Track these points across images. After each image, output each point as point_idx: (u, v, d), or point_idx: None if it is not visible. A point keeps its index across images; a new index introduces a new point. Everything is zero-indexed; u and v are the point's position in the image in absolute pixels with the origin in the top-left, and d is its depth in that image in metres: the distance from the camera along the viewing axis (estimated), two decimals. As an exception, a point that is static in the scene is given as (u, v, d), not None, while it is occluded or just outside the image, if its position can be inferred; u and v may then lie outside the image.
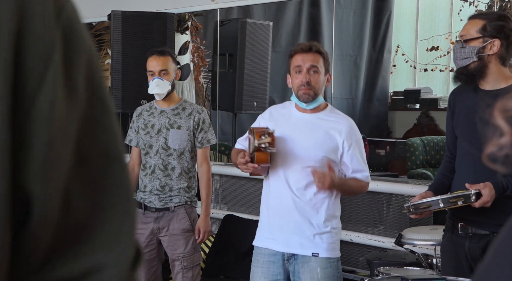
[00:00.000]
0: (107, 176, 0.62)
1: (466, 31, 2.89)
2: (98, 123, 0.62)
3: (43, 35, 0.56)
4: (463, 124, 2.98)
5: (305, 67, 3.11)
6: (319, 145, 3.08)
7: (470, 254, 2.91)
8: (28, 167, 0.56)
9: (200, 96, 7.37)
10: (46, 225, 0.57)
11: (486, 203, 2.73)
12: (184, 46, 6.95)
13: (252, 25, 6.37)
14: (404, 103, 10.09)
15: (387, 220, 4.67)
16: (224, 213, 5.16)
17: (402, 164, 8.07)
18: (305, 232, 3.07)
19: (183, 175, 3.90)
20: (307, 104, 3.13)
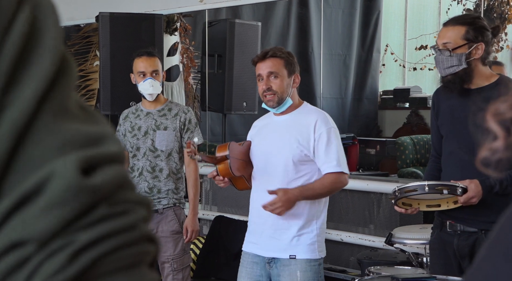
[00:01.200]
0: None
1: (450, 39, 2.89)
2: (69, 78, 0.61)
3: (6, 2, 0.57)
4: (448, 123, 3.00)
5: (265, 74, 3.16)
6: (293, 143, 3.10)
7: (459, 251, 2.92)
8: None
9: (190, 97, 7.35)
10: None
11: (471, 199, 2.74)
12: (173, 47, 6.94)
13: (241, 25, 6.37)
14: (393, 103, 10.11)
15: (378, 219, 4.68)
16: (215, 214, 5.15)
17: (392, 163, 8.09)
18: (282, 235, 3.10)
19: (171, 176, 3.89)
20: (276, 109, 3.17)
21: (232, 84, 6.28)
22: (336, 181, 3.08)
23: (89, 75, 7.53)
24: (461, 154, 2.90)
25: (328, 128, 3.11)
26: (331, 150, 3.07)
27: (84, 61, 7.55)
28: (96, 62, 7.28)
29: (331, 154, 3.07)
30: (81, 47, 7.55)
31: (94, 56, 7.38)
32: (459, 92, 2.95)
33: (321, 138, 3.08)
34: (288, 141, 3.10)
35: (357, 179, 5.02)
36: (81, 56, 7.55)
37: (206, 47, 6.41)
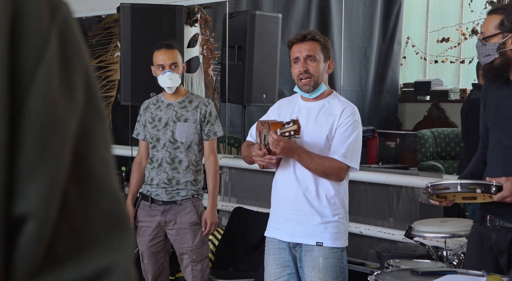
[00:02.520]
0: (104, 181, 0.61)
1: (485, 28, 2.86)
2: (95, 128, 0.61)
3: (36, 33, 0.57)
4: (493, 115, 2.96)
5: (302, 57, 3.12)
6: (321, 131, 3.08)
7: (497, 246, 2.91)
8: (20, 164, 0.56)
9: (210, 89, 7.36)
10: (43, 230, 0.56)
11: (505, 198, 2.72)
12: (193, 38, 6.95)
13: (261, 17, 6.35)
14: (414, 95, 10.04)
15: (397, 212, 4.65)
16: (234, 206, 5.16)
17: (412, 156, 8.04)
18: (310, 221, 3.09)
19: (190, 168, 3.90)
20: (309, 94, 3.14)
21: (252, 76, 6.27)
22: (335, 169, 3.05)
23: (110, 66, 7.56)
24: (504, 146, 2.87)
25: (353, 121, 3.09)
26: (346, 141, 3.06)
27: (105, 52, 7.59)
28: (117, 53, 7.31)
29: (344, 144, 3.06)
30: (102, 38, 7.58)
31: (115, 47, 7.41)
32: (503, 84, 2.90)
33: (342, 127, 3.07)
34: (317, 129, 3.08)
35: (376, 172, 5.00)
36: (102, 47, 7.58)
37: (226, 38, 6.41)
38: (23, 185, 0.56)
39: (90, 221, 0.59)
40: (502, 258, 2.89)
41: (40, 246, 0.56)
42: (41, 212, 0.56)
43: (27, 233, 0.55)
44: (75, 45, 0.60)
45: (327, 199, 3.08)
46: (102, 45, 7.59)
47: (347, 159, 3.05)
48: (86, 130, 0.60)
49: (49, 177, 0.56)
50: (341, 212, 3.12)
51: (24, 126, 0.56)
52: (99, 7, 6.74)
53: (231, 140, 7.28)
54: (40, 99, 0.56)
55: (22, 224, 0.56)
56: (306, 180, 3.09)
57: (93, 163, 0.60)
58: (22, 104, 0.56)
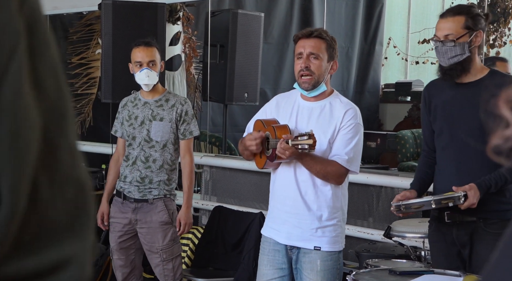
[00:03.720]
0: (73, 171, 0.61)
1: (452, 30, 2.93)
2: (64, 117, 0.61)
3: (7, 26, 0.56)
4: (440, 118, 3.03)
5: (305, 53, 3.07)
6: (323, 134, 3.02)
7: (458, 240, 2.98)
8: None
9: (191, 87, 7.35)
10: (12, 219, 0.56)
11: (472, 205, 2.81)
12: (176, 36, 6.93)
13: (244, 16, 6.35)
14: (395, 96, 10.10)
15: (377, 212, 4.68)
16: (214, 205, 5.16)
17: (392, 156, 8.09)
18: (308, 226, 3.06)
19: (164, 167, 3.88)
20: (308, 92, 3.08)
21: (234, 75, 6.26)
22: (337, 173, 3.02)
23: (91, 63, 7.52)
24: (454, 149, 2.96)
25: (355, 124, 3.05)
26: (348, 145, 3.02)
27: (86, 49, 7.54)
28: (98, 50, 7.27)
29: (346, 148, 3.01)
30: (83, 35, 7.54)
31: (96, 44, 7.37)
32: (452, 87, 2.98)
33: (344, 130, 3.03)
34: (319, 132, 2.99)
35: (357, 172, 5.02)
36: (83, 43, 7.54)
37: (208, 37, 6.40)
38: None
39: (56, 209, 0.59)
40: (465, 250, 2.98)
41: (7, 234, 0.56)
42: (11, 201, 0.56)
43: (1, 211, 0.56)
44: (43, 35, 0.60)
45: (325, 203, 3.05)
46: (83, 42, 7.54)
47: (349, 164, 3.01)
48: (55, 120, 0.60)
49: (20, 168, 0.56)
50: (339, 214, 3.10)
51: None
52: (80, 4, 6.70)
53: (212, 139, 7.27)
54: (12, 92, 0.56)
55: None
56: (306, 184, 3.05)
57: (61, 151, 0.60)
58: None
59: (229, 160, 5.58)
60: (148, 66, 3.86)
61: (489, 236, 2.90)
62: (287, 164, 3.07)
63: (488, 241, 2.88)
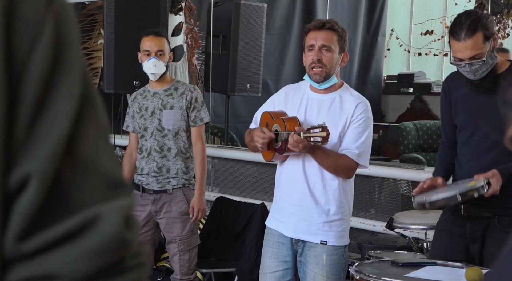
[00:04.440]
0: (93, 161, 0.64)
1: (476, 49, 2.81)
2: (87, 112, 0.64)
3: (31, 18, 0.60)
4: (462, 113, 2.99)
5: (317, 45, 3.02)
6: (333, 127, 2.97)
7: (470, 235, 2.95)
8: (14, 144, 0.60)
9: (193, 78, 7.33)
10: (43, 190, 0.59)
11: (495, 192, 2.77)
12: (178, 27, 6.91)
13: (246, 7, 6.33)
14: (397, 87, 10.08)
15: (379, 204, 4.68)
16: (216, 195, 5.16)
17: (394, 148, 8.08)
18: (314, 219, 3.03)
19: (180, 155, 3.88)
20: (319, 84, 3.05)
21: (236, 66, 6.25)
22: (348, 168, 3.00)
23: (93, 53, 7.51)
24: (475, 144, 2.93)
25: (366, 118, 3.01)
26: (359, 139, 2.99)
27: (88, 39, 7.53)
28: (100, 41, 7.26)
29: (357, 143, 2.99)
30: (86, 25, 7.53)
31: (99, 34, 7.36)
32: (470, 80, 2.93)
33: (354, 124, 3.00)
34: (329, 125, 2.93)
35: (359, 163, 5.02)
36: (85, 34, 7.53)
37: (210, 27, 6.39)
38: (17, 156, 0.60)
39: (78, 190, 0.62)
40: (474, 245, 2.94)
41: (37, 205, 0.59)
42: (44, 170, 0.59)
43: (27, 194, 0.59)
44: (71, 32, 0.63)
45: (333, 197, 3.03)
46: (86, 32, 7.53)
47: (359, 158, 2.99)
48: (79, 111, 0.62)
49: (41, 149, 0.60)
50: (346, 209, 3.08)
51: (19, 106, 0.59)
52: (82, -6, 6.69)
53: (214, 130, 7.27)
54: (34, 82, 0.59)
55: (22, 187, 0.59)
56: (314, 177, 3.03)
57: (82, 141, 0.63)
58: (17, 86, 0.59)
59: (231, 151, 5.58)
60: (156, 55, 3.86)
61: (501, 233, 2.88)
62: (296, 157, 3.04)
63: (500, 238, 2.86)
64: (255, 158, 4.87)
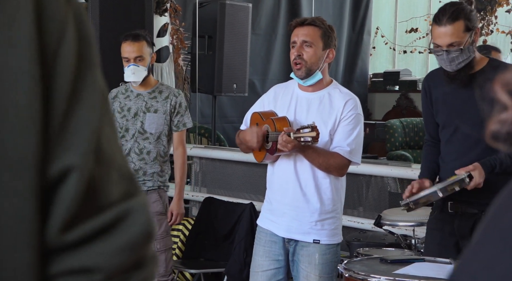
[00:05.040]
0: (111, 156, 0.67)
1: (456, 37, 2.84)
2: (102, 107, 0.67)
3: (57, 15, 0.64)
4: (443, 112, 3.00)
5: (299, 41, 3.02)
6: (323, 125, 2.97)
7: (459, 231, 2.96)
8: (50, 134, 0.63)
9: (180, 79, 7.32)
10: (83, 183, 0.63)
11: (478, 185, 2.78)
12: (163, 28, 6.90)
13: (232, 7, 6.33)
14: (383, 85, 10.12)
15: (367, 201, 4.70)
16: (204, 196, 5.15)
17: (381, 145, 8.11)
18: (306, 218, 3.02)
19: (158, 159, 3.88)
20: (303, 81, 3.03)
21: (223, 66, 6.25)
22: (340, 165, 2.99)
23: (78, 55, 7.49)
24: (457, 142, 2.94)
25: (355, 114, 3.00)
26: (350, 136, 2.98)
27: (73, 41, 7.52)
28: (85, 43, 7.23)
29: (348, 140, 2.98)
30: (70, 27, 7.51)
31: (83, 36, 7.34)
32: (449, 78, 2.95)
33: (345, 121, 2.98)
34: (319, 123, 2.93)
35: (346, 161, 5.03)
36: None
37: (196, 28, 6.38)
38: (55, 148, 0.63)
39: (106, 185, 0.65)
40: (463, 242, 2.96)
41: (78, 198, 0.62)
42: (84, 165, 0.62)
43: (70, 185, 0.62)
44: (88, 27, 0.67)
45: (325, 195, 3.02)
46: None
47: (351, 155, 2.98)
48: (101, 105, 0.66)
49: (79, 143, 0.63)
50: (338, 207, 3.07)
51: (53, 99, 0.63)
52: (67, -4, 6.66)
53: (201, 130, 7.26)
54: (65, 75, 0.63)
55: (63, 178, 0.62)
56: (306, 176, 3.01)
57: (103, 137, 0.66)
58: (50, 80, 0.63)
59: (218, 151, 5.57)
60: (135, 62, 3.83)
61: None
62: (287, 156, 3.03)
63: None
64: (243, 157, 4.87)
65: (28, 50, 0.61)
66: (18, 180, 0.60)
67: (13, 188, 0.59)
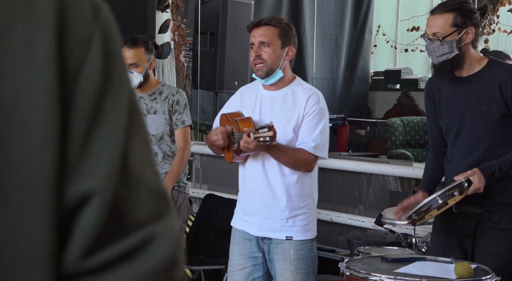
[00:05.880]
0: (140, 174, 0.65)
1: (439, 28, 2.89)
2: (134, 123, 0.65)
3: (80, 32, 0.62)
4: (446, 115, 3.01)
5: (256, 42, 3.06)
6: (287, 123, 3.01)
7: (462, 231, 2.98)
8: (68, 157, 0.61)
9: (181, 75, 7.32)
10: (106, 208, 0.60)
11: (478, 189, 2.79)
12: (165, 24, 6.89)
13: (234, 3, 6.33)
14: (384, 84, 10.12)
15: (367, 200, 4.70)
16: (205, 193, 5.16)
17: (382, 144, 8.11)
18: (278, 216, 3.05)
19: (167, 159, 3.87)
20: (265, 80, 3.07)
21: (224, 63, 6.25)
22: (306, 161, 3.01)
23: (80, 51, 7.49)
24: (461, 144, 2.95)
25: (319, 109, 3.03)
26: (314, 131, 3.00)
27: (74, 37, 7.52)
28: (87, 38, 7.22)
29: (312, 135, 3.00)
30: (72, 23, 7.50)
31: (85, 32, 7.33)
32: (452, 81, 2.96)
33: (308, 117, 3.01)
34: (283, 121, 2.99)
35: (347, 160, 5.03)
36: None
37: (198, 24, 6.38)
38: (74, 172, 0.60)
39: (132, 207, 0.63)
40: (467, 241, 2.97)
41: (100, 224, 0.60)
42: (106, 188, 0.60)
43: (90, 211, 0.60)
44: (117, 44, 0.65)
45: (294, 192, 3.04)
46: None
47: (317, 150, 3.00)
48: (128, 124, 0.64)
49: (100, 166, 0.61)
50: (309, 202, 3.09)
51: (73, 119, 0.60)
52: (69, -9, 6.65)
53: (202, 127, 7.26)
54: (86, 95, 0.61)
55: (83, 203, 0.60)
56: (274, 174, 3.04)
57: (131, 156, 0.63)
58: (70, 100, 0.61)
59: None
60: (130, 68, 3.82)
61: (491, 230, 2.90)
62: (255, 156, 3.07)
63: (490, 234, 2.89)
64: (243, 155, 4.87)
65: (48, 71, 0.59)
66: (31, 201, 0.58)
67: (25, 210, 0.58)
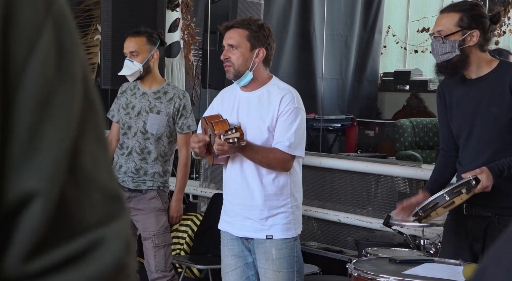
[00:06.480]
0: (93, 173, 0.61)
1: (444, 26, 2.90)
2: (88, 120, 0.61)
3: (29, 23, 0.58)
4: (457, 117, 3.00)
5: (226, 45, 3.08)
6: (262, 123, 3.02)
7: (472, 233, 2.97)
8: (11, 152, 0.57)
9: (190, 74, 7.33)
10: (50, 208, 0.57)
11: (486, 188, 2.77)
12: (175, 23, 6.90)
13: (243, 3, 6.33)
14: (394, 85, 10.09)
15: (376, 201, 4.69)
16: (213, 192, 5.16)
17: (390, 145, 8.09)
18: (257, 216, 3.05)
19: (159, 159, 3.88)
20: (236, 82, 3.09)
21: (233, 62, 6.24)
22: (280, 161, 3.00)
23: (90, 49, 7.49)
24: (472, 146, 2.94)
25: (293, 108, 3.01)
26: (289, 131, 2.99)
27: (84, 35, 7.51)
28: (96, 36, 7.24)
29: (287, 134, 2.99)
30: (82, 21, 7.51)
31: (95, 30, 7.34)
32: (463, 83, 2.95)
33: (282, 116, 3.00)
34: (258, 121, 3.01)
35: (355, 160, 5.02)
36: (81, 29, 7.50)
37: (208, 24, 6.38)
38: (16, 170, 0.57)
39: (83, 212, 0.59)
40: (477, 244, 2.96)
41: (43, 226, 0.57)
42: (50, 189, 0.57)
43: (33, 212, 0.56)
44: (71, 37, 0.62)
45: (272, 191, 3.05)
46: (82, 28, 7.51)
47: (291, 149, 2.99)
48: (79, 122, 0.60)
49: (45, 165, 0.57)
50: (289, 201, 3.07)
51: (16, 113, 0.57)
52: (79, -11, 6.67)
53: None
54: (33, 87, 0.57)
55: (25, 204, 0.57)
56: (251, 175, 3.05)
57: (82, 155, 0.60)
58: (14, 93, 0.57)
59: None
60: (130, 56, 3.84)
61: (501, 233, 2.88)
62: (234, 158, 3.09)
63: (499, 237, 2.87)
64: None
65: None
66: None
67: None
